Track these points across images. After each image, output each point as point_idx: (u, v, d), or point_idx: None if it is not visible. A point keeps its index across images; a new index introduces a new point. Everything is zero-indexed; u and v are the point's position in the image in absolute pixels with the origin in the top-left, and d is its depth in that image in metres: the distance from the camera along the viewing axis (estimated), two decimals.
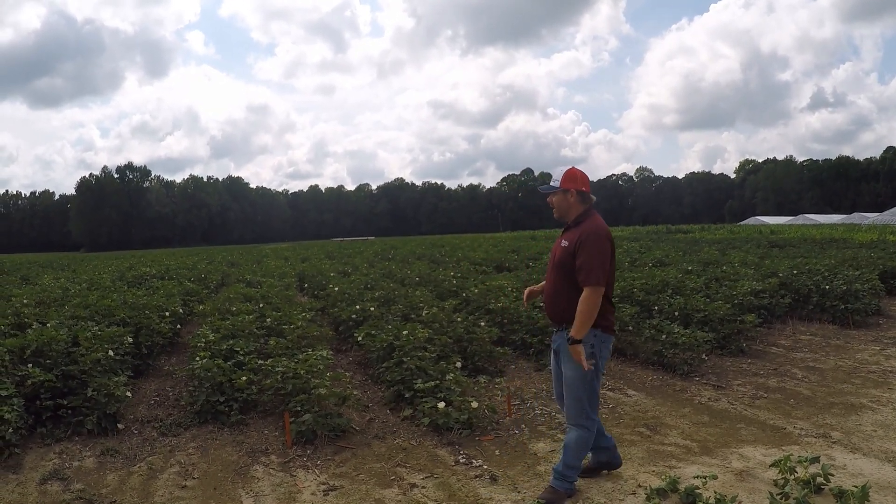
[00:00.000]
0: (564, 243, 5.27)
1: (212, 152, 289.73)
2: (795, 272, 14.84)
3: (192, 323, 14.80)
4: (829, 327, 12.68)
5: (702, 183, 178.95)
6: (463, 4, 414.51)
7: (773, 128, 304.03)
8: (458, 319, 10.91)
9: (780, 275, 14.61)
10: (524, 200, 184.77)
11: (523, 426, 7.51)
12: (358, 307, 12.65)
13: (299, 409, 7.33)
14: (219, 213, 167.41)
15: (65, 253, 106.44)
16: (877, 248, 25.43)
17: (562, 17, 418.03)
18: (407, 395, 8.04)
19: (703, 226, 78.98)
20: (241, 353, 9.13)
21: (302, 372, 7.59)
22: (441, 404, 7.22)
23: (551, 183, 5.50)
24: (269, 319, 11.64)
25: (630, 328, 10.61)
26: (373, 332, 10.02)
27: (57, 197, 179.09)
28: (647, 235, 53.84)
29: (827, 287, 13.39)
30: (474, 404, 7.35)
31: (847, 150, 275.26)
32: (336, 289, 15.66)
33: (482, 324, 10.92)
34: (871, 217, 78.59)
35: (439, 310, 11.63)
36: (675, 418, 7.65)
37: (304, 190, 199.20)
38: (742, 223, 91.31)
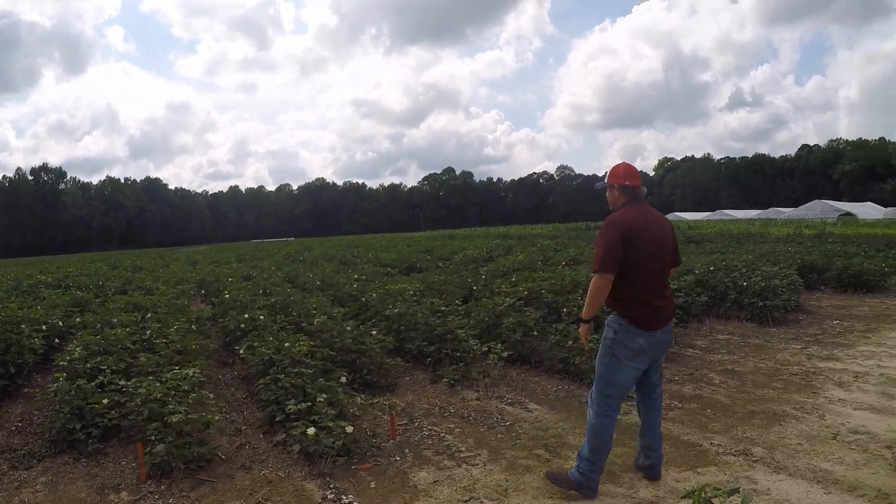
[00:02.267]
0: None
1: (130, 152, 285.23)
2: (712, 269, 14.19)
3: (74, 337, 13.34)
4: (748, 325, 12.08)
5: None
6: (387, 2, 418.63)
7: (692, 127, 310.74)
8: (348, 328, 10.00)
9: (697, 272, 13.94)
10: (445, 199, 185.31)
11: (407, 451, 6.72)
12: (247, 316, 11.77)
13: (153, 438, 6.48)
14: (136, 216, 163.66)
15: None
16: (793, 242, 25.42)
17: (487, 17, 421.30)
18: (279, 418, 7.19)
19: None
20: (108, 371, 8.24)
21: (158, 395, 6.80)
22: (311, 430, 6.38)
23: (604, 180, 5.62)
24: (148, 332, 10.67)
25: (535, 333, 9.84)
26: (255, 343, 9.24)
27: None
28: (565, 233, 53.36)
29: (745, 284, 12.82)
30: (349, 429, 6.52)
31: (764, 149, 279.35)
32: (227, 295, 14.57)
33: (374, 332, 10.09)
34: (787, 212, 79.98)
35: (330, 318, 10.79)
36: (578, 436, 6.79)
37: (224, 191, 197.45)
38: None
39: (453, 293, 13.81)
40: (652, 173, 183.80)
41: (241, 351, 9.36)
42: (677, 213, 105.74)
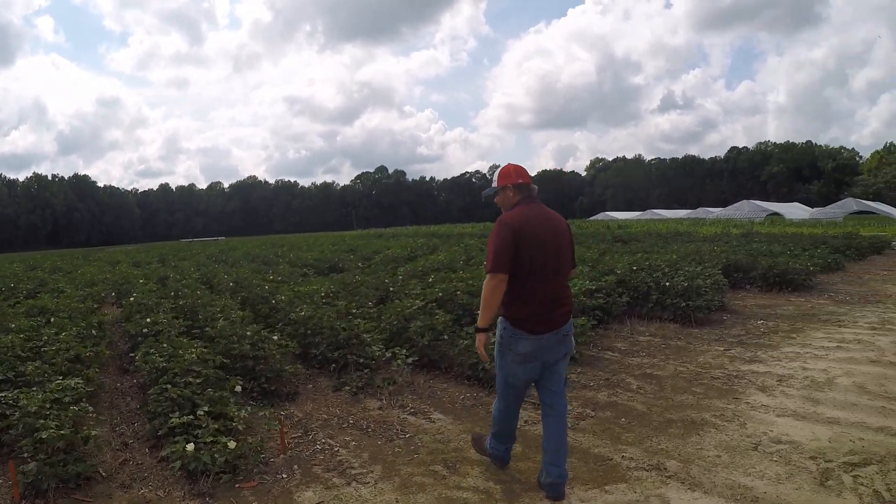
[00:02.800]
0: None
1: (59, 148, 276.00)
2: (635, 269, 13.83)
3: None
4: (670, 326, 11.67)
5: (553, 180, 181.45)
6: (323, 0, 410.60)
7: (624, 128, 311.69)
8: (249, 333, 9.37)
9: (618, 272, 13.55)
10: (378, 198, 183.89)
11: (296, 467, 6.19)
12: (149, 320, 11.11)
13: (26, 455, 5.95)
14: (64, 214, 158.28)
15: None
16: (720, 242, 25.26)
17: (422, 16, 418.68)
18: (161, 432, 6.62)
19: None
20: None
21: (33, 408, 6.25)
22: (190, 446, 5.84)
23: (492, 185, 5.49)
24: (45, 337, 10.00)
25: (445, 337, 9.33)
26: (150, 350, 8.62)
27: None
28: None
29: (667, 284, 12.43)
30: (231, 444, 5.95)
31: (694, 150, 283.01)
32: (132, 298, 13.80)
33: (276, 337, 9.55)
34: (715, 212, 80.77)
35: (231, 322, 10.18)
36: None
37: (155, 189, 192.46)
38: (591, 218, 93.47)
39: (367, 295, 13.24)
40: (584, 173, 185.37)
41: (137, 358, 8.75)
42: (608, 213, 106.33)
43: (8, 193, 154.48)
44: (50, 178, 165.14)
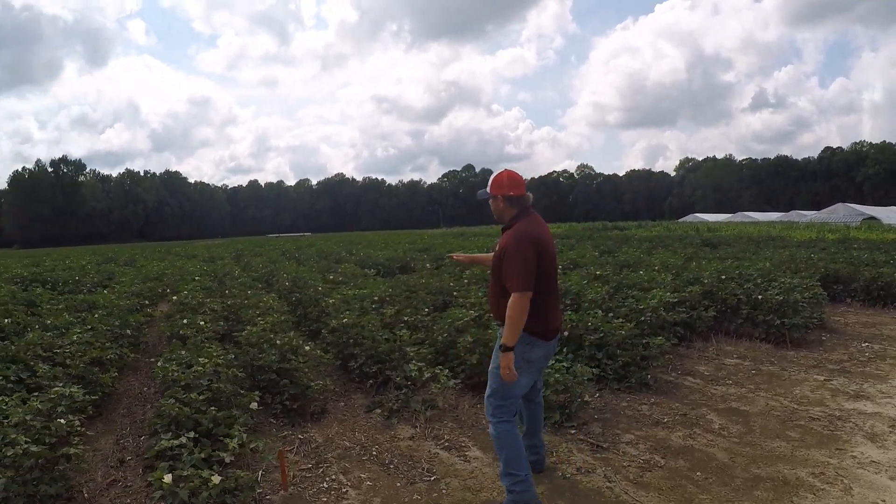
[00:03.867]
0: (497, 248, 5.12)
1: (152, 146, 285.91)
2: (723, 278, 12.27)
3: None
4: (762, 346, 10.13)
5: (642, 180, 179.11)
6: None
7: (714, 127, 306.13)
8: (278, 342, 8.37)
9: (705, 281, 12.07)
10: (465, 197, 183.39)
11: None
12: (186, 321, 10.45)
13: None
14: (155, 209, 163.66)
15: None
16: (815, 248, 23.43)
17: (508, 14, 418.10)
18: (146, 455, 6.00)
19: (640, 223, 77.21)
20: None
21: (14, 419, 5.73)
22: (167, 477, 5.02)
23: (487, 189, 5.28)
24: (74, 337, 9.40)
25: None
26: (173, 356, 8.02)
27: None
28: (581, 232, 51.45)
29: (760, 297, 10.89)
30: (215, 479, 5.03)
31: (786, 150, 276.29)
32: (175, 298, 13.05)
33: (308, 347, 8.69)
34: (809, 215, 77.11)
35: (260, 328, 9.24)
36: None
37: (244, 185, 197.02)
38: (680, 220, 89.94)
39: (425, 300, 12.10)
40: (673, 173, 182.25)
41: (158, 364, 7.94)
42: (697, 215, 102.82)
43: (101, 188, 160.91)
44: (142, 173, 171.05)
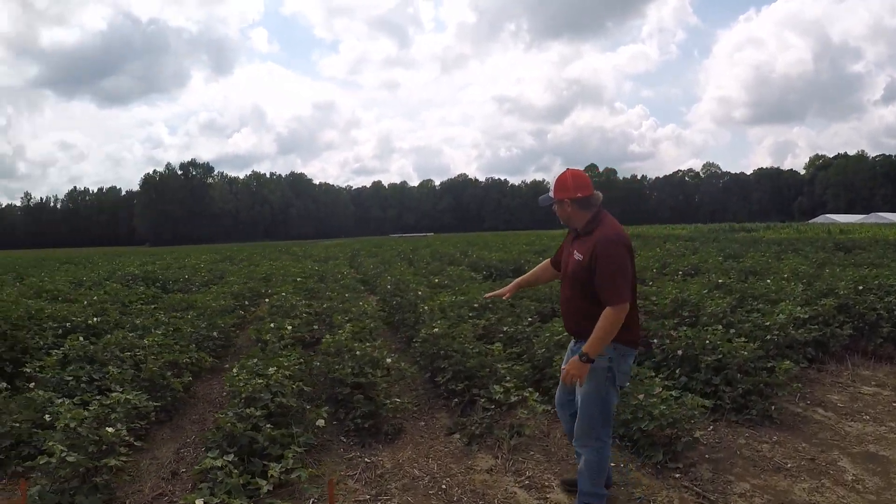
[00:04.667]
0: (578, 256, 4.67)
1: (279, 149, 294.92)
2: (860, 289, 10.77)
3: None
4: None
5: (770, 179, 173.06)
6: None
7: (844, 121, 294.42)
8: (358, 352, 7.68)
9: (840, 293, 10.61)
10: None
11: None
12: (273, 325, 10.05)
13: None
14: (281, 209, 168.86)
15: (130, 247, 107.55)
16: None
17: (627, 9, 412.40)
18: (186, 473, 6.03)
19: (769, 224, 72.45)
20: (73, 384, 7.49)
21: (61, 424, 5.51)
22: (199, 502, 4.71)
23: (549, 193, 4.90)
24: (156, 338, 9.10)
25: None
26: (246, 364, 7.53)
27: (123, 193, 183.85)
28: (707, 234, 48.99)
29: None
30: None
31: None
32: (267, 301, 12.61)
33: (390, 360, 7.94)
34: None
35: (335, 338, 8.48)
36: None
37: (368, 186, 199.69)
38: (811, 221, 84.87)
39: (529, 308, 11.13)
40: (803, 171, 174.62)
41: (233, 371, 7.49)
42: (828, 216, 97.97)
43: (229, 190, 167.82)
44: (268, 175, 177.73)
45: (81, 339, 8.79)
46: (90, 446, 5.39)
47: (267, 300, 12.78)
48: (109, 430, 5.60)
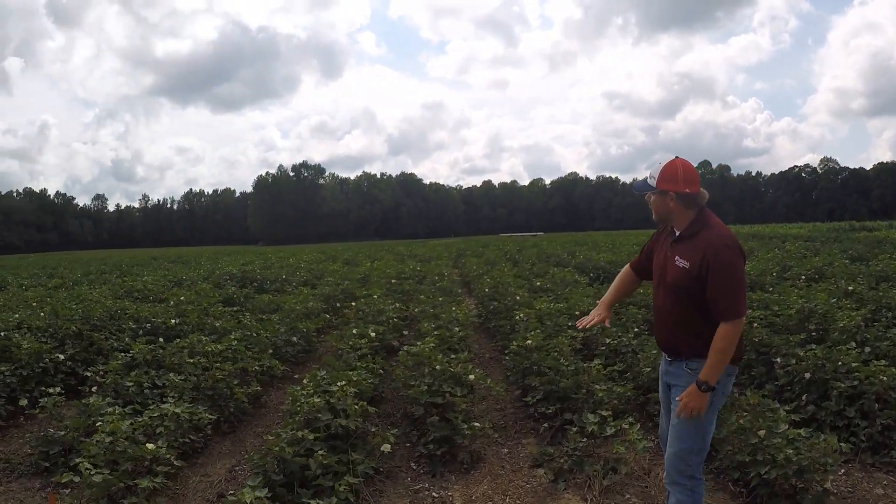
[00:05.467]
0: (682, 262, 4.01)
1: (389, 150, 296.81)
2: None
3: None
4: None
5: (891, 174, 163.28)
6: None
7: None
8: (438, 366, 6.88)
9: None
10: None
11: None
12: (356, 331, 9.41)
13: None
14: (392, 209, 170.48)
15: (242, 246, 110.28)
16: None
17: None
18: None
19: (892, 222, 68.24)
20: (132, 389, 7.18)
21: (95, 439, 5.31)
22: None
23: (647, 180, 4.17)
24: (232, 343, 8.79)
25: None
26: (314, 377, 6.89)
27: (237, 194, 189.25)
28: (826, 233, 46.22)
29: None
30: None
31: None
32: (354, 304, 11.90)
33: (472, 377, 7.08)
34: None
35: (414, 352, 7.49)
36: None
37: (478, 185, 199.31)
38: None
39: (636, 317, 10.04)
40: None
41: (303, 383, 6.94)
42: None
43: (340, 190, 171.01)
44: (378, 175, 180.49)
45: (150, 342, 8.70)
46: (126, 463, 5.09)
47: (355, 303, 12.03)
48: (150, 446, 5.25)
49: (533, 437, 6.66)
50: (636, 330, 9.06)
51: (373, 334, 9.14)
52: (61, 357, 8.57)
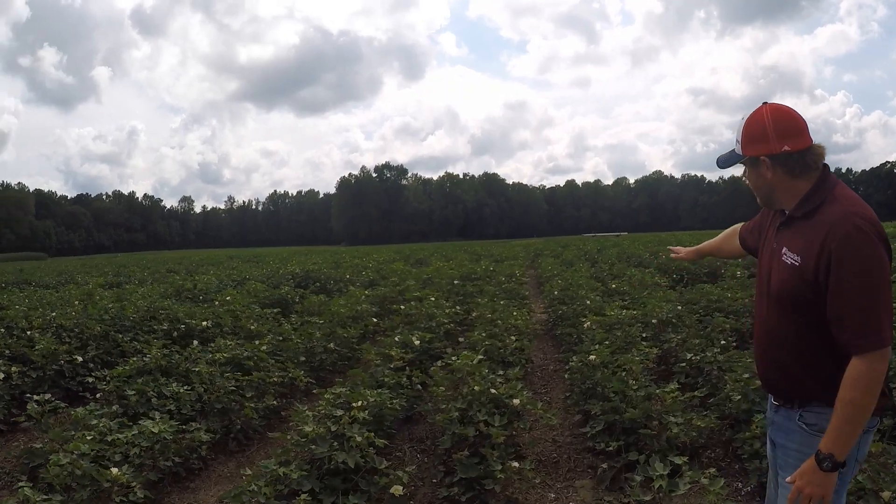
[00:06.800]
0: (791, 257, 2.65)
1: (472, 150, 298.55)
2: None
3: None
4: None
5: None
6: None
7: None
8: (476, 387, 5.59)
9: None
10: None
11: None
12: (399, 338, 8.14)
13: None
14: (475, 209, 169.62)
15: (324, 246, 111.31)
16: None
17: None
18: None
19: None
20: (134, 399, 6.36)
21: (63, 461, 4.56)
22: None
23: (734, 148, 2.88)
24: (263, 348, 7.97)
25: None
26: (334, 393, 5.87)
27: (321, 195, 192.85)
28: None
29: None
30: None
31: None
32: (403, 307, 10.72)
33: (516, 401, 5.59)
34: None
35: (474, 359, 6.17)
36: None
37: (562, 185, 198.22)
38: None
39: (723, 327, 8.52)
40: None
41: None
42: None
43: (423, 191, 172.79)
44: (461, 176, 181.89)
45: (185, 345, 8.21)
46: (83, 490, 4.43)
47: (404, 306, 10.84)
48: (114, 470, 4.54)
49: (590, 478, 5.34)
50: (723, 343, 7.57)
51: (417, 342, 7.94)
52: (79, 359, 8.07)
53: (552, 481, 5.36)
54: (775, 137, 2.65)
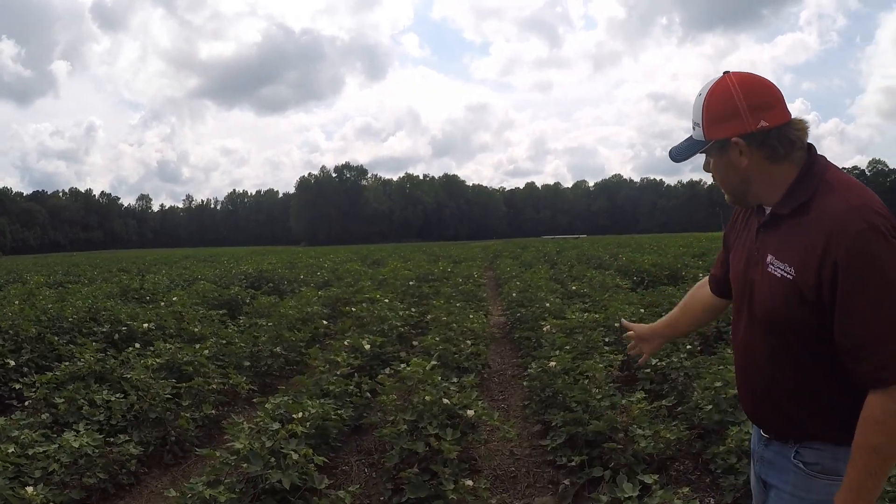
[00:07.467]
0: (780, 268, 2.08)
1: (433, 151, 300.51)
2: None
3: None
4: None
5: None
6: None
7: None
8: (427, 397, 5.18)
9: None
10: None
11: None
12: (347, 342, 7.79)
13: None
14: (434, 211, 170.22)
15: (282, 246, 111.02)
16: None
17: None
18: None
19: None
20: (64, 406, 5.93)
21: None
22: None
23: (692, 135, 2.31)
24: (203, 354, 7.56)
25: None
26: (274, 402, 5.47)
27: (281, 195, 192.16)
28: None
29: None
30: None
31: None
32: (353, 309, 10.31)
33: (471, 412, 5.27)
34: None
35: (425, 366, 5.77)
36: None
37: (521, 187, 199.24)
38: None
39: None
40: None
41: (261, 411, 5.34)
42: None
43: (383, 192, 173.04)
44: (421, 177, 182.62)
45: (135, 349, 7.77)
46: None
47: (355, 308, 10.40)
48: (29, 489, 4.17)
49: (550, 495, 4.94)
50: (689, 347, 7.17)
51: (367, 347, 7.52)
52: (11, 363, 7.58)
53: (510, 498, 4.98)
54: (748, 112, 2.12)
